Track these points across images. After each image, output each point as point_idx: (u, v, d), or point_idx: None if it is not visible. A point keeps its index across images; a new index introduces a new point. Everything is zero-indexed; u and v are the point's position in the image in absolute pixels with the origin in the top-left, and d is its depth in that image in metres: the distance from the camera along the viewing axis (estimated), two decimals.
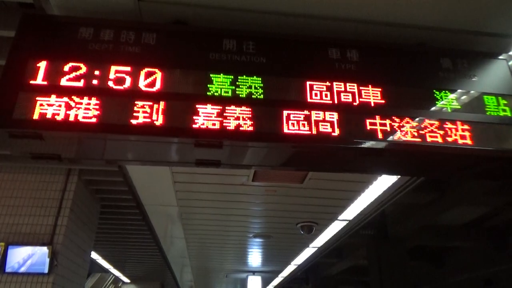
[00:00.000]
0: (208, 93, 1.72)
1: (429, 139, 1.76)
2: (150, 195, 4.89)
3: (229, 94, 1.73)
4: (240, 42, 1.87)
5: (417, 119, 1.81)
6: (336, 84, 1.84)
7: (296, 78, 1.83)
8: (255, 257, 8.69)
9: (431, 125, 1.80)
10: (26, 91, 1.59)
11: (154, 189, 4.67)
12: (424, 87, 1.91)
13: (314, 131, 1.71)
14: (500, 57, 2.09)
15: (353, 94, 1.83)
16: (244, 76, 1.78)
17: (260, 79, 1.79)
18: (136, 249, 8.76)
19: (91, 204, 5.60)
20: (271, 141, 1.69)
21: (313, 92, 1.80)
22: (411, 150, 1.78)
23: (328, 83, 1.83)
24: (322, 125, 1.73)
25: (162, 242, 7.36)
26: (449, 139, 1.78)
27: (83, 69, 1.67)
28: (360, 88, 1.85)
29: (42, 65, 1.66)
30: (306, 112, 1.74)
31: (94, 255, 8.84)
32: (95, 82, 1.66)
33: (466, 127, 1.82)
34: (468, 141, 1.78)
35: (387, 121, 1.78)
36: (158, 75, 1.72)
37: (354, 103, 1.81)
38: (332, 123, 1.74)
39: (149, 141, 1.66)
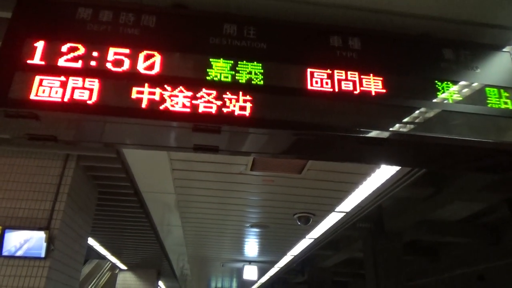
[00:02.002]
0: (207, 77, 1.70)
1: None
2: (147, 182, 4.89)
3: (229, 79, 1.71)
4: (241, 27, 1.85)
5: (418, 110, 1.80)
6: (337, 72, 1.82)
7: (296, 65, 1.81)
8: (251, 247, 8.73)
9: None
10: (23, 70, 1.57)
11: (152, 177, 4.67)
12: (426, 77, 1.89)
13: (313, 119, 1.70)
14: (504, 49, 2.07)
15: (354, 82, 1.81)
16: (244, 61, 1.76)
17: (260, 65, 1.77)
18: (133, 236, 8.78)
19: (89, 190, 5.60)
20: (270, 128, 1.67)
21: (314, 80, 1.78)
22: (412, 141, 1.77)
23: (329, 71, 1.81)
24: (321, 113, 1.71)
25: (159, 229, 7.39)
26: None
27: (81, 50, 1.65)
28: (361, 76, 1.83)
29: (40, 45, 1.63)
30: (306, 99, 1.73)
31: (91, 241, 8.87)
32: (93, 63, 1.64)
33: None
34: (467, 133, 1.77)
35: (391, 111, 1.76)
36: (157, 58, 1.70)
37: (355, 92, 1.79)
38: (330, 111, 1.72)
39: (147, 124, 1.64)
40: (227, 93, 1.68)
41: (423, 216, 8.62)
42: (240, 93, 1.69)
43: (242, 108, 1.66)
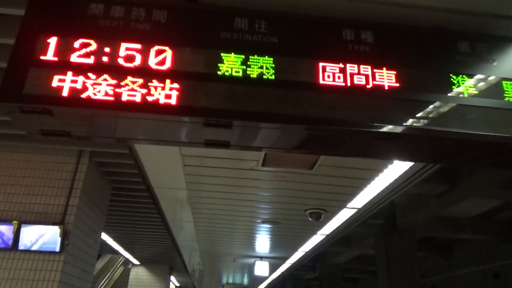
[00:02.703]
0: (218, 72, 1.69)
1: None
2: (159, 178, 4.92)
3: (240, 74, 1.70)
4: (252, 22, 1.84)
5: (433, 104, 1.76)
6: (350, 66, 1.79)
7: (308, 59, 1.79)
8: (263, 243, 8.75)
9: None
10: (37, 66, 1.58)
11: (164, 172, 4.70)
12: (440, 71, 1.86)
13: (325, 114, 1.68)
14: None
15: (366, 76, 1.79)
16: (256, 56, 1.75)
17: (271, 59, 1.75)
18: (145, 231, 8.87)
19: (102, 186, 5.67)
20: (282, 123, 1.66)
21: (326, 74, 1.76)
22: (427, 136, 1.74)
23: (341, 65, 1.79)
24: (333, 107, 1.69)
25: (171, 225, 7.44)
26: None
27: (93, 45, 1.66)
28: (374, 70, 1.81)
29: (53, 41, 1.65)
30: (318, 93, 1.71)
31: (104, 236, 8.99)
32: (105, 59, 1.65)
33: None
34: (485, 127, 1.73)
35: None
36: (169, 53, 1.70)
37: (368, 86, 1.77)
38: (342, 106, 1.70)
39: (159, 120, 1.64)
40: (238, 87, 1.67)
41: (437, 213, 8.52)
42: (251, 87, 1.68)
43: (253, 103, 1.65)
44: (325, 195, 5.17)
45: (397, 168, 4.06)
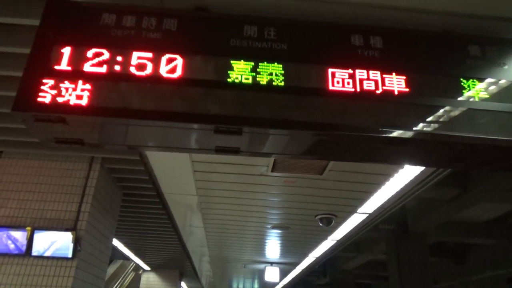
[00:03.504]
0: (228, 79, 1.71)
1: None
2: (170, 184, 4.95)
3: (250, 81, 1.72)
4: (261, 29, 1.85)
5: (443, 108, 1.76)
6: (359, 72, 1.80)
7: (317, 65, 1.80)
8: (273, 248, 8.72)
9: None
10: (51, 76, 1.62)
11: (174, 178, 4.73)
12: (451, 75, 1.85)
13: (335, 119, 1.69)
14: None
15: (376, 82, 1.79)
16: (265, 62, 1.76)
17: (281, 66, 1.77)
18: (156, 237, 8.92)
19: (113, 192, 5.72)
20: (292, 129, 1.67)
21: (335, 80, 1.77)
22: (437, 141, 1.73)
23: (350, 71, 1.80)
24: (343, 113, 1.70)
25: (182, 231, 7.47)
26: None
27: (106, 54, 1.69)
28: (384, 76, 1.81)
29: (66, 51, 1.68)
30: (327, 99, 1.72)
31: (115, 242, 9.06)
32: (117, 67, 1.68)
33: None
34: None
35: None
36: (179, 61, 1.72)
37: (377, 91, 1.77)
38: (352, 111, 1.71)
39: (170, 127, 1.66)
40: (248, 94, 1.69)
41: (449, 217, 8.41)
42: (261, 94, 1.69)
43: (263, 109, 1.66)
44: (335, 200, 5.15)
45: (407, 173, 4.03)
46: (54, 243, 4.48)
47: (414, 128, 1.71)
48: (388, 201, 4.94)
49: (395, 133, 1.69)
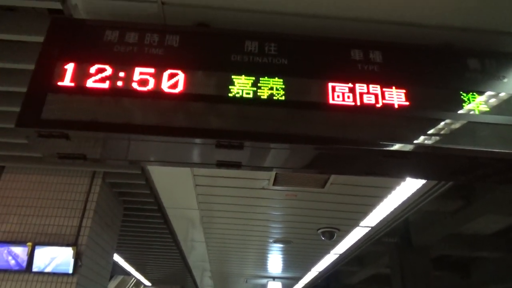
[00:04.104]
0: (229, 94, 1.72)
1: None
2: (171, 198, 4.95)
3: (251, 95, 1.73)
4: (262, 44, 1.88)
5: (443, 122, 1.76)
6: (359, 86, 1.81)
7: (318, 79, 1.82)
8: (275, 263, 8.63)
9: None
10: (54, 92, 1.63)
11: (176, 192, 4.73)
12: (451, 89, 1.86)
13: (336, 133, 1.69)
14: None
15: (376, 95, 1.80)
16: (266, 77, 1.78)
17: (281, 80, 1.78)
18: (157, 252, 8.85)
19: (115, 207, 5.71)
20: (293, 143, 1.67)
21: (335, 94, 1.78)
22: (438, 154, 1.73)
23: (350, 85, 1.81)
24: (343, 127, 1.71)
25: (183, 245, 7.42)
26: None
27: (109, 70, 1.71)
28: (384, 89, 1.82)
29: (70, 67, 1.70)
30: (328, 113, 1.73)
31: (116, 257, 8.99)
32: (120, 83, 1.69)
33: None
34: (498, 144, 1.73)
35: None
36: (181, 76, 1.74)
37: (377, 105, 1.78)
38: (353, 125, 1.72)
39: (171, 142, 1.67)
40: (249, 109, 1.70)
41: (453, 230, 8.33)
42: (262, 108, 1.71)
43: (264, 124, 1.67)
44: (337, 213, 5.12)
45: (410, 186, 4.01)
46: (55, 258, 4.45)
47: (414, 141, 1.72)
48: (391, 214, 4.91)
49: (396, 147, 1.70)
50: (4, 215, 4.73)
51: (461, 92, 1.85)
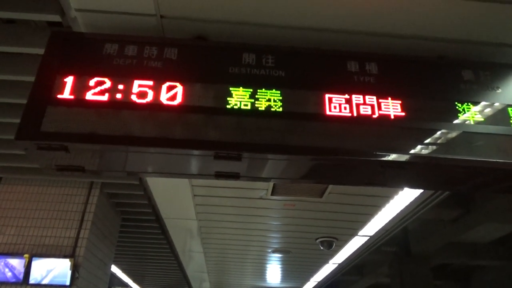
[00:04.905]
0: (227, 106, 1.74)
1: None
2: (169, 208, 4.93)
3: (249, 107, 1.75)
4: (259, 56, 1.90)
5: (439, 132, 1.78)
6: (355, 97, 1.83)
7: (315, 91, 1.84)
8: (274, 273, 8.58)
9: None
10: (54, 105, 1.65)
11: (174, 203, 4.72)
12: (446, 99, 1.89)
13: (333, 144, 1.71)
14: None
15: (372, 106, 1.82)
16: (263, 89, 1.80)
17: (279, 92, 1.80)
18: (155, 263, 8.79)
19: (112, 217, 5.69)
20: (291, 154, 1.69)
21: (332, 105, 1.80)
22: (434, 164, 1.75)
23: (347, 96, 1.83)
24: (340, 137, 1.73)
25: (181, 256, 7.38)
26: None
27: (108, 83, 1.73)
28: (380, 100, 1.84)
29: (69, 80, 1.72)
30: (325, 124, 1.75)
31: (114, 268, 8.92)
32: (119, 96, 1.71)
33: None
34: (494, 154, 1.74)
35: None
36: (179, 89, 1.76)
37: (374, 116, 1.80)
38: (350, 136, 1.73)
39: (170, 154, 1.68)
40: (247, 120, 1.71)
41: (452, 238, 8.32)
42: (260, 120, 1.72)
43: (262, 135, 1.69)
44: (336, 223, 5.12)
45: (407, 194, 4.02)
46: (52, 270, 4.42)
47: (411, 152, 1.73)
48: (389, 223, 4.91)
49: (393, 157, 1.71)
50: (1, 226, 4.72)
51: (456, 103, 1.88)
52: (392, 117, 1.80)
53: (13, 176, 4.97)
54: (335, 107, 1.80)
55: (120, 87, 1.73)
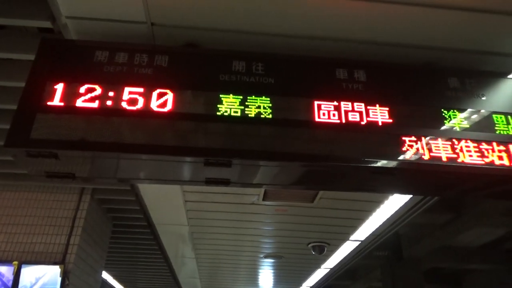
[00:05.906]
0: (217, 113, 1.76)
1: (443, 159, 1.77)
2: (161, 214, 4.91)
3: (239, 114, 1.77)
4: (249, 64, 1.92)
5: (426, 138, 1.82)
6: (344, 104, 1.86)
7: (304, 98, 1.86)
8: (266, 278, 8.56)
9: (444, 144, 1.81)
10: (44, 112, 1.65)
11: (165, 209, 4.70)
12: (432, 106, 1.92)
13: (322, 150, 1.73)
14: (509, 76, 2.10)
15: (360, 113, 1.85)
16: (253, 96, 1.82)
17: (269, 99, 1.82)
18: (147, 269, 8.73)
19: (103, 223, 5.64)
20: (280, 160, 1.71)
21: (321, 112, 1.83)
22: (421, 170, 1.78)
23: (335, 103, 1.86)
24: (329, 144, 1.75)
25: (173, 262, 7.33)
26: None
27: (98, 90, 1.73)
28: (368, 107, 1.87)
29: (59, 87, 1.72)
30: (314, 131, 1.77)
31: (105, 275, 8.83)
32: (109, 103, 1.72)
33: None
34: (478, 160, 1.78)
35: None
36: (170, 96, 1.77)
37: (362, 122, 1.83)
38: (339, 142, 1.76)
39: (160, 160, 1.69)
40: (237, 127, 1.73)
41: (443, 243, 8.38)
42: (250, 127, 1.74)
43: (252, 142, 1.70)
44: (327, 228, 5.14)
45: (398, 199, 4.06)
46: (42, 277, 4.37)
47: (399, 158, 1.76)
48: (380, 228, 4.94)
49: (381, 163, 1.74)
50: None
51: (442, 110, 1.91)
52: (380, 123, 1.83)
53: (2, 182, 4.91)
54: (324, 114, 1.82)
55: (111, 94, 1.74)
